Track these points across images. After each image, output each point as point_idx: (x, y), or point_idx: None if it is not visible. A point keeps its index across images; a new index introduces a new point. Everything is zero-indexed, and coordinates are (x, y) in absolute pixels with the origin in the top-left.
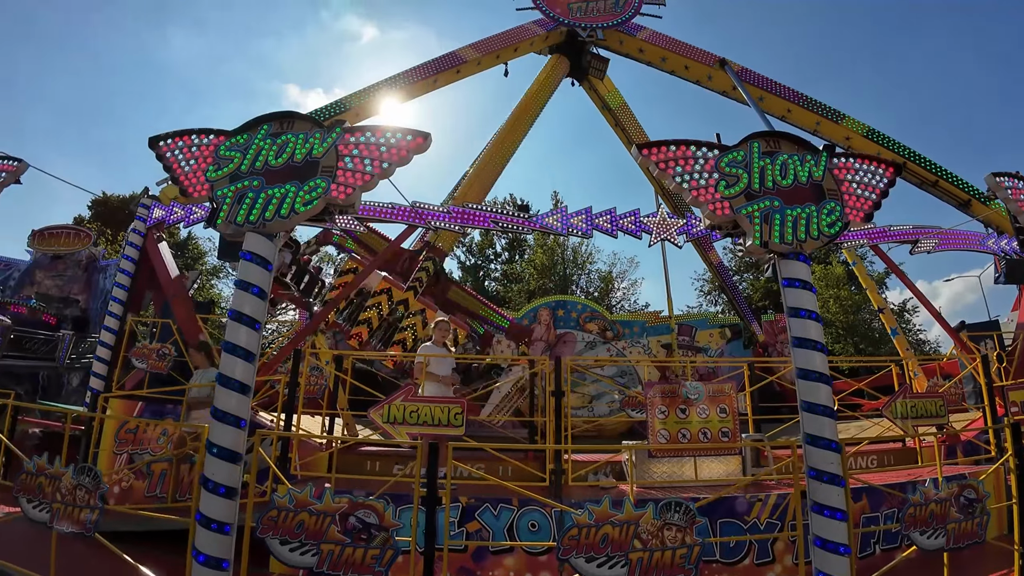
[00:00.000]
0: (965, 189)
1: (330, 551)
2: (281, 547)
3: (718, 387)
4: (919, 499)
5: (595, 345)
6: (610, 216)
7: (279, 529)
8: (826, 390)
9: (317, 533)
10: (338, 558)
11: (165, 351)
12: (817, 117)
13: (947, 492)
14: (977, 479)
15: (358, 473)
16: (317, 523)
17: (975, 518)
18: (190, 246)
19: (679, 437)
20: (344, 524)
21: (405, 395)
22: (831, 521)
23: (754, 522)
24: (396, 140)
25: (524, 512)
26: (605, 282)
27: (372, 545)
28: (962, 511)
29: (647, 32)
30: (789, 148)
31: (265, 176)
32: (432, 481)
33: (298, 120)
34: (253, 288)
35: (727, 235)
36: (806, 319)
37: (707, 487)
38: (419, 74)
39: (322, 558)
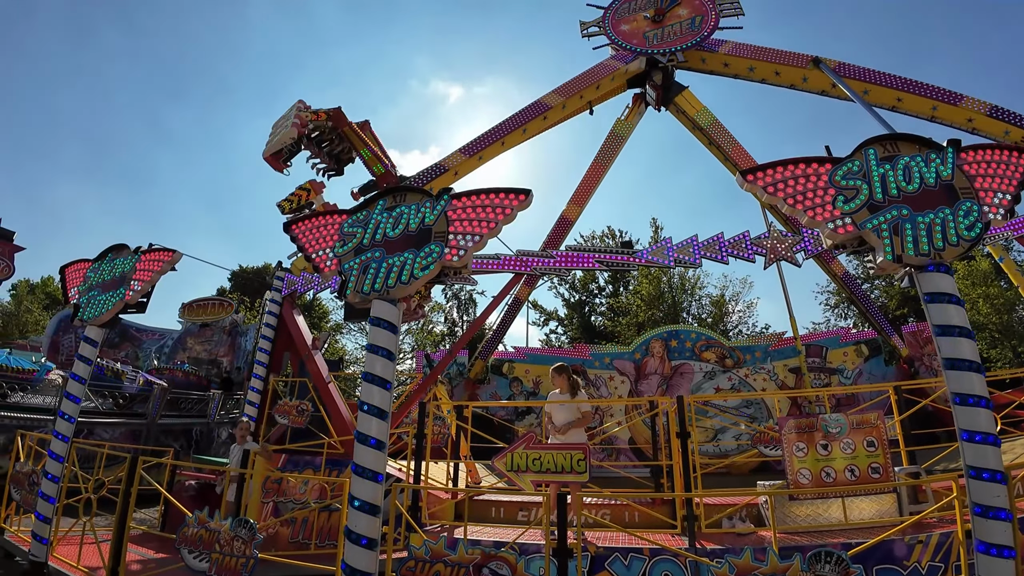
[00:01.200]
0: None
1: None
2: None
3: (862, 417)
4: None
5: (714, 375)
6: (718, 242)
7: None
8: (987, 415)
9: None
10: None
11: (303, 407)
12: (932, 102)
13: None
14: None
15: (484, 520)
16: (452, 573)
17: None
18: (315, 306)
19: (823, 476)
20: (478, 575)
21: (527, 443)
22: (999, 561)
23: (915, 567)
24: (500, 199)
25: (657, 562)
26: (717, 306)
27: None
28: None
29: (729, 45)
30: (909, 149)
31: (385, 247)
32: (562, 532)
33: (409, 193)
34: (382, 351)
35: (853, 252)
36: (956, 336)
37: (858, 530)
38: (508, 127)
39: None
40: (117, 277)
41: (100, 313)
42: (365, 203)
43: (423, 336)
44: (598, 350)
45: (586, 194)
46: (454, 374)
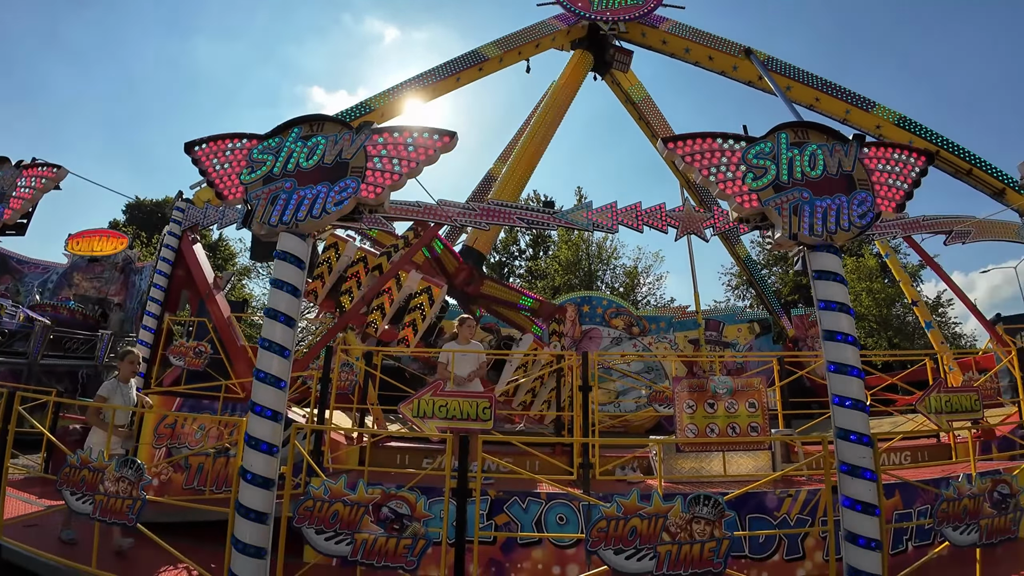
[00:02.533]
0: (999, 178)
1: (364, 540)
2: (317, 536)
3: (747, 382)
4: (952, 494)
5: (621, 341)
6: (635, 211)
7: (315, 519)
8: (858, 384)
9: (351, 523)
10: (371, 548)
11: (201, 349)
12: (846, 105)
13: (980, 487)
14: (1011, 474)
15: (388, 467)
16: (351, 513)
17: (1008, 514)
18: (221, 247)
19: (707, 432)
20: (377, 515)
21: (434, 390)
22: (863, 516)
23: (784, 518)
24: (423, 139)
25: (552, 505)
26: (631, 277)
27: (404, 536)
28: (995, 507)
29: (670, 23)
30: (818, 138)
31: (297, 178)
32: (463, 474)
33: (328, 123)
34: (287, 286)
35: (755, 228)
36: (837, 312)
37: (735, 482)
38: (442, 73)
39: (356, 547)
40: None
41: None
42: (278, 129)
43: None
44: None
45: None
46: None
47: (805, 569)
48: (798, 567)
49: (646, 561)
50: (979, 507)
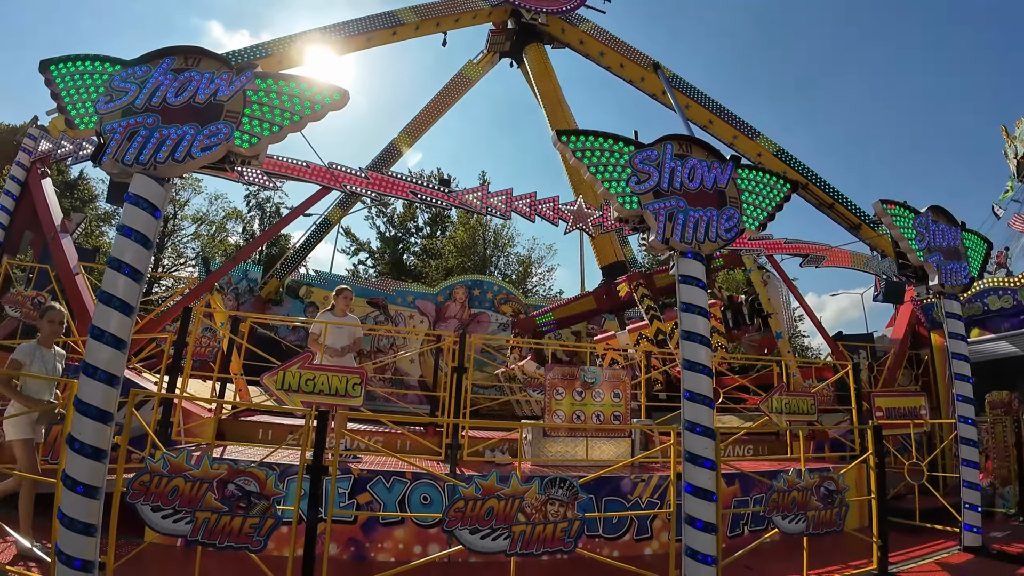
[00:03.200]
0: (857, 214)
1: (205, 519)
2: (153, 514)
3: (614, 373)
4: (783, 486)
5: (508, 327)
6: (529, 200)
7: (151, 495)
8: (707, 381)
9: (192, 500)
10: (214, 526)
11: (41, 299)
12: (735, 131)
13: (809, 482)
14: (839, 473)
15: (251, 442)
16: (193, 490)
17: (834, 508)
18: (80, 186)
19: (574, 418)
20: (222, 492)
21: (302, 362)
22: (701, 501)
23: (636, 501)
24: (311, 93)
25: (417, 485)
26: (523, 266)
27: (251, 514)
28: (822, 500)
29: (589, 25)
30: (700, 154)
31: (162, 114)
32: (319, 451)
33: (206, 58)
34: (136, 235)
35: (634, 229)
36: (695, 314)
37: (596, 467)
38: (353, 28)
39: (196, 526)
40: None
41: None
42: (148, 57)
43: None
44: (403, 287)
45: (420, 128)
46: (243, 290)
47: (652, 548)
48: (646, 546)
49: (500, 541)
50: (807, 500)
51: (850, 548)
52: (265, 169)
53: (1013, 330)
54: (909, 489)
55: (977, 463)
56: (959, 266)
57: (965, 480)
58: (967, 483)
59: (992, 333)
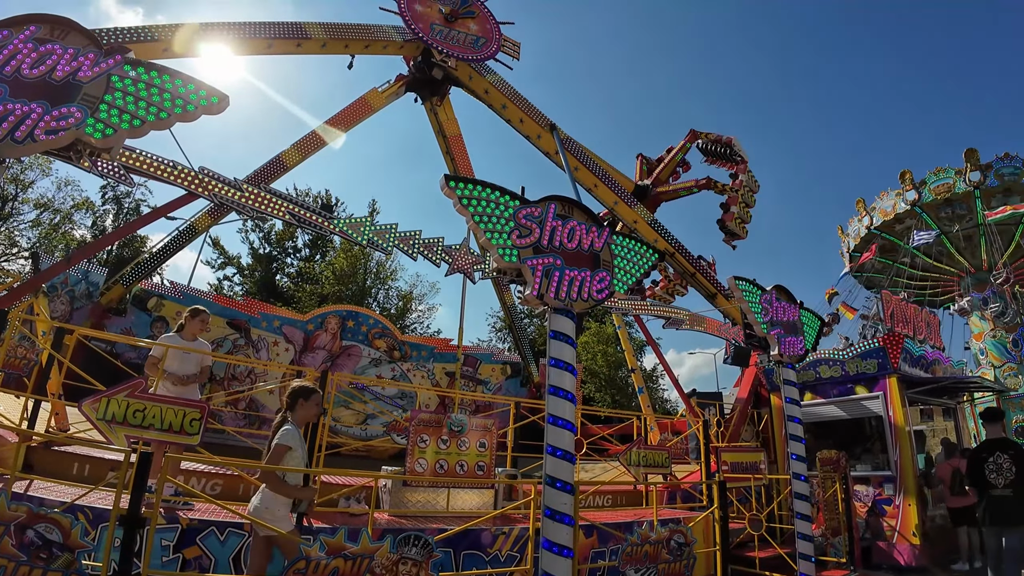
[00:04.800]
0: (714, 284)
1: (2, 567)
2: None
3: (481, 422)
4: (636, 539)
5: (380, 363)
6: (413, 237)
7: None
8: (569, 436)
9: None
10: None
11: None
12: (616, 198)
13: (660, 535)
14: (687, 525)
15: (61, 476)
16: None
17: (683, 560)
18: None
19: (437, 467)
20: (20, 537)
21: (132, 390)
22: (558, 558)
23: (496, 554)
24: (185, 91)
25: None
26: (404, 301)
27: (52, 567)
28: (672, 553)
29: (496, 77)
30: (580, 217)
31: (11, 86)
32: (137, 495)
33: (75, 31)
34: None
35: (511, 281)
36: (563, 370)
37: (457, 518)
38: (255, 31)
39: None
40: None
41: None
42: (9, 21)
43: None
44: (271, 311)
45: (312, 146)
46: (80, 293)
47: None
48: None
49: None
50: (658, 553)
51: None
52: (124, 163)
53: (840, 396)
54: (750, 538)
55: (810, 516)
56: (796, 339)
57: (799, 532)
58: (801, 535)
59: (822, 398)
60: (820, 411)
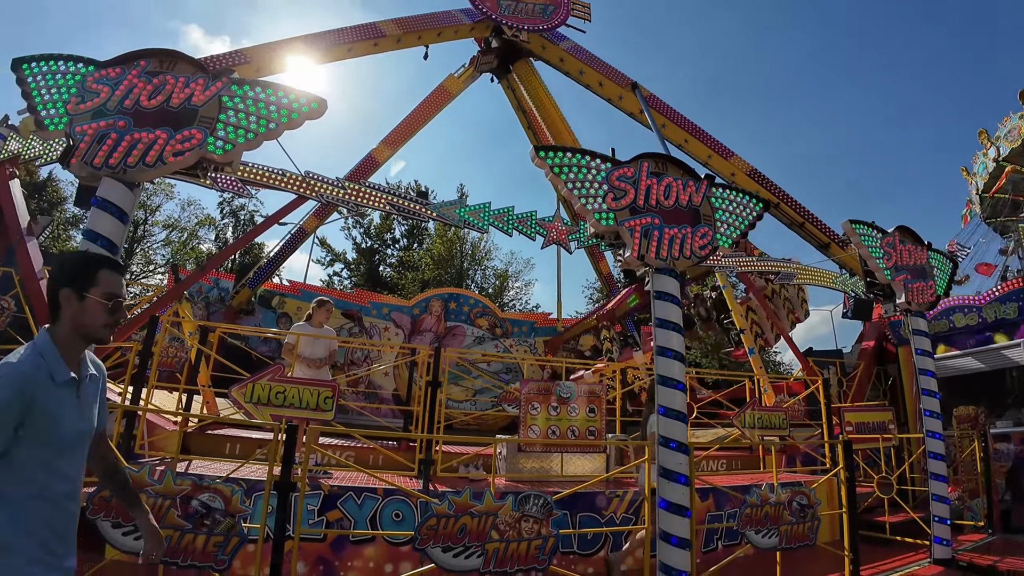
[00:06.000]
0: (826, 233)
1: (168, 536)
2: (113, 531)
3: (589, 388)
4: (755, 500)
5: (484, 340)
6: (508, 214)
7: (111, 511)
8: (681, 396)
9: (155, 517)
10: (176, 544)
11: (3, 304)
12: (710, 151)
13: (781, 496)
14: (810, 487)
15: (216, 456)
16: (155, 506)
17: (806, 522)
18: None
19: (549, 433)
20: (185, 508)
21: (272, 374)
22: (675, 517)
23: (611, 516)
24: (288, 101)
25: (389, 502)
26: (500, 280)
27: (215, 532)
28: (795, 515)
29: (569, 43)
30: (675, 172)
31: (134, 117)
32: (286, 466)
33: (182, 61)
34: (102, 240)
35: (610, 245)
36: (670, 330)
37: (571, 482)
38: (335, 39)
39: None
40: None
41: None
42: (123, 58)
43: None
44: (379, 299)
45: (400, 139)
46: (214, 299)
47: (627, 564)
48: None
49: (473, 559)
50: (780, 514)
51: (822, 561)
52: (239, 176)
53: (978, 347)
54: (879, 502)
55: (945, 476)
56: (926, 284)
57: (934, 493)
58: (936, 496)
59: (958, 349)
60: (955, 364)
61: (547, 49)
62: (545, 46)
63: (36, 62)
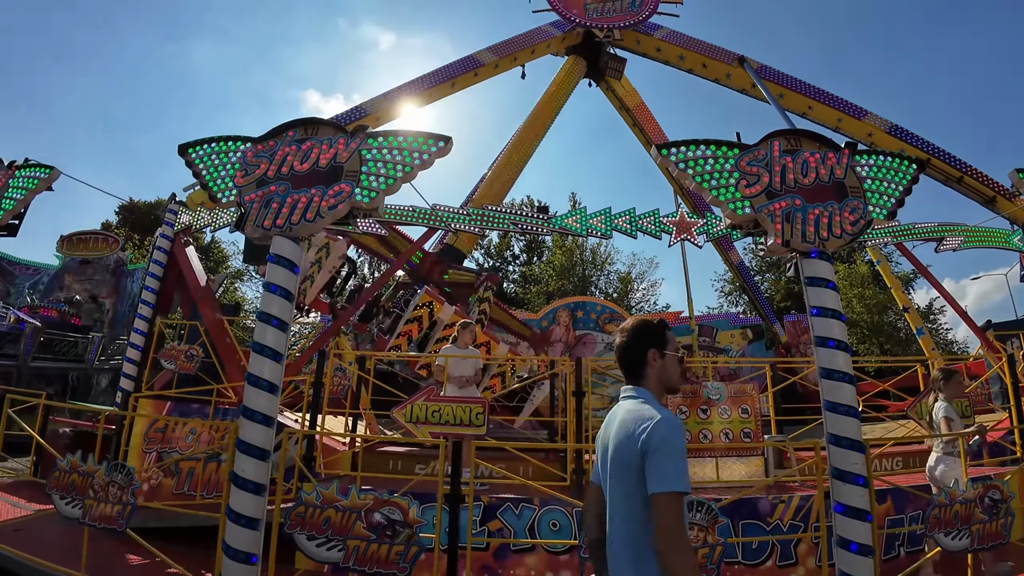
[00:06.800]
0: (990, 186)
1: (356, 547)
2: (308, 543)
3: (739, 387)
4: (944, 500)
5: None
6: (629, 216)
7: (306, 525)
8: (849, 389)
9: (343, 529)
10: (363, 554)
11: (193, 352)
12: (838, 113)
13: (972, 493)
14: (1002, 479)
15: (381, 472)
16: (343, 519)
17: (999, 519)
18: (214, 250)
19: (700, 438)
20: (369, 520)
21: (427, 395)
22: (855, 522)
23: (777, 523)
24: (418, 144)
25: (545, 511)
26: (624, 283)
27: (397, 542)
28: (987, 512)
29: (664, 31)
30: (810, 146)
31: (291, 181)
32: (455, 480)
33: (322, 126)
34: (280, 290)
35: (748, 234)
36: (829, 318)
37: (728, 488)
38: (437, 78)
39: (348, 554)
40: None
41: None
42: (273, 132)
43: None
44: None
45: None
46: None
47: (797, 574)
48: (791, 572)
49: None
50: (971, 512)
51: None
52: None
53: None
54: None
55: None
56: None
57: None
58: None
59: None
60: None
61: (641, 42)
62: (640, 39)
63: (199, 146)
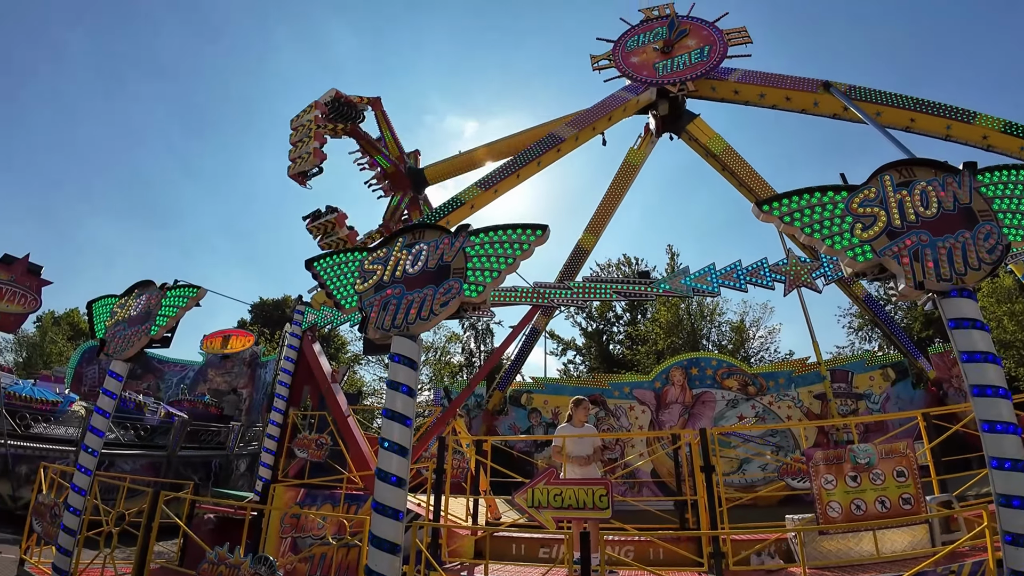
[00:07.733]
0: None
1: None
2: None
3: (892, 446)
4: None
5: (737, 403)
6: (736, 270)
7: None
8: (1014, 441)
9: None
10: None
11: (323, 441)
12: (946, 120)
13: None
14: None
15: (504, 558)
16: None
17: None
18: (334, 337)
19: (853, 509)
20: None
21: (547, 478)
22: None
23: None
24: (517, 235)
25: None
26: (738, 333)
27: None
28: None
29: (739, 73)
30: (926, 174)
31: (405, 283)
32: (585, 570)
33: (428, 230)
34: (403, 387)
35: (875, 280)
36: (982, 363)
37: (890, 563)
38: (523, 160)
39: None
40: (143, 313)
41: (126, 348)
42: (385, 241)
43: (440, 367)
44: (617, 379)
45: (601, 223)
46: (472, 406)
47: None
48: None
49: None
50: None
51: None
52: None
53: None
54: None
55: None
56: None
57: None
58: None
59: None
60: None
61: (717, 89)
62: (715, 86)
63: (322, 259)
